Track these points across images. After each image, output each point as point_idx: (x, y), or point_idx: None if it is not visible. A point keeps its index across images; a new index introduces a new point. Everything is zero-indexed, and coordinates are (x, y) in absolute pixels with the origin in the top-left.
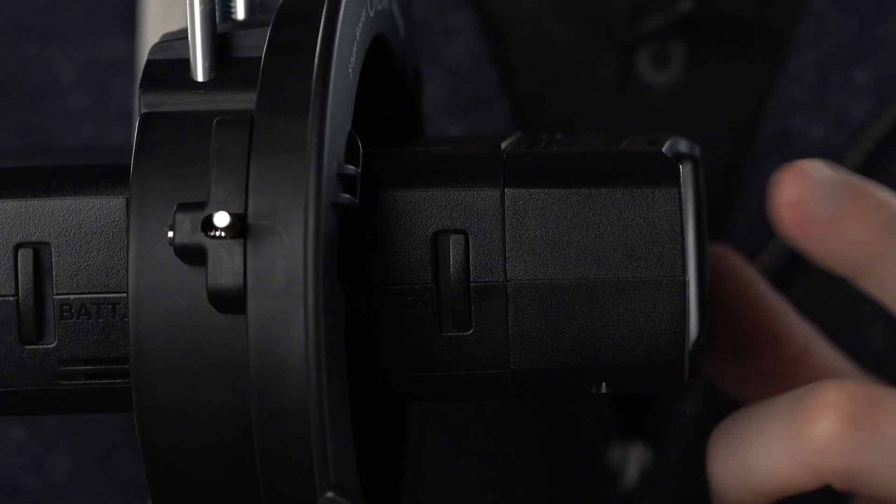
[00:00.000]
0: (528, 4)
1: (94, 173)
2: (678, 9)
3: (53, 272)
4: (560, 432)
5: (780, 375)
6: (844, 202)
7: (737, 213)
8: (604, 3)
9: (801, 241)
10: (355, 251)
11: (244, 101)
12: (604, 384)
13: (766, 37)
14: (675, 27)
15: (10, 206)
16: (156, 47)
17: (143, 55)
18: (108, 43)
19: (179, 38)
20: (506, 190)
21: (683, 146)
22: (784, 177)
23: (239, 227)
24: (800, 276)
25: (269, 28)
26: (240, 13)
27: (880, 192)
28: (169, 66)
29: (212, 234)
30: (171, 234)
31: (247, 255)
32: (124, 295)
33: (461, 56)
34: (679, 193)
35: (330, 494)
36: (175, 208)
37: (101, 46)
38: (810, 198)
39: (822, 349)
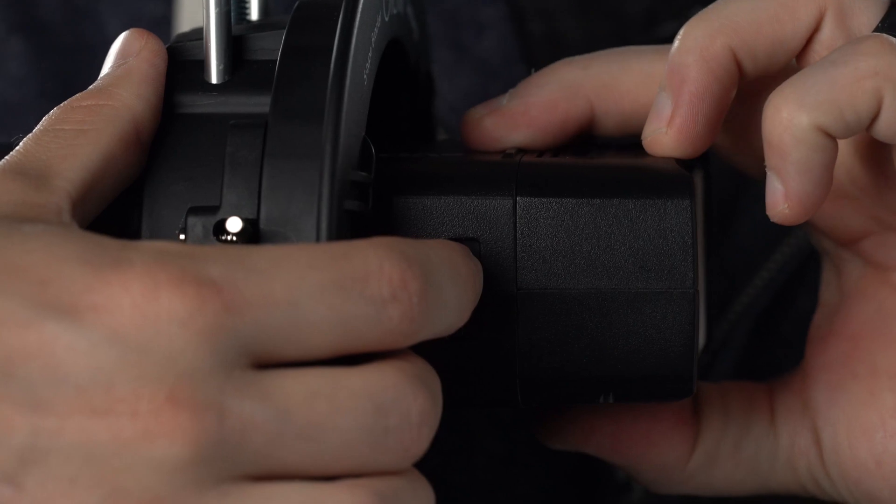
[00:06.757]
0: None
1: None
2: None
3: None
4: None
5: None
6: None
7: (741, 222)
8: (620, 6)
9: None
10: None
11: (258, 104)
12: (612, 394)
13: None
14: None
15: None
16: (169, 49)
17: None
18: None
19: (194, 39)
20: (518, 199)
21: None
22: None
23: (251, 233)
24: (805, 284)
25: (285, 31)
26: (254, 14)
27: None
28: (183, 68)
29: (223, 238)
30: (182, 237)
31: None
32: None
33: (493, 51)
34: (692, 205)
35: None
36: (187, 211)
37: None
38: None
39: None
